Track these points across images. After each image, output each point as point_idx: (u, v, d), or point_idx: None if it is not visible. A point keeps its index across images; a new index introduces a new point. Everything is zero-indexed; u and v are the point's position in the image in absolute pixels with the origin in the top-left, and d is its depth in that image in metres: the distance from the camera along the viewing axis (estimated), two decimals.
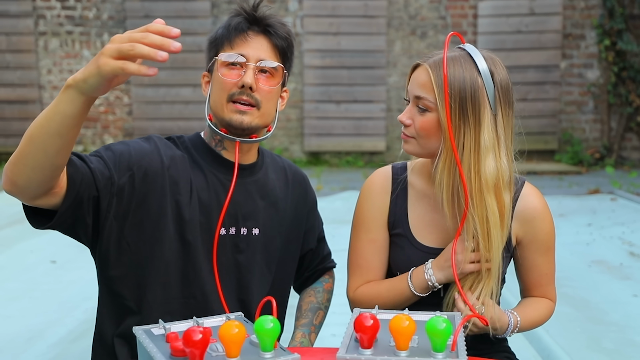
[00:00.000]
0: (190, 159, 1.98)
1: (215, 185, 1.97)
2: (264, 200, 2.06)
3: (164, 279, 1.92)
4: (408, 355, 1.46)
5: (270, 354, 1.44)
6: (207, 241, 1.94)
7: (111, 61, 1.45)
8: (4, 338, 3.51)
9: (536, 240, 2.00)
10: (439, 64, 1.84)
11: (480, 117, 1.82)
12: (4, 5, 10.33)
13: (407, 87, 1.94)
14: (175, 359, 1.44)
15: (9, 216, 6.22)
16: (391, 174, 2.08)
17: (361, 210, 2.08)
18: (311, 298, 2.27)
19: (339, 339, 1.60)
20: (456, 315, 1.71)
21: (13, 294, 4.27)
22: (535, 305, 2.05)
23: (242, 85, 1.90)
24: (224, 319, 1.66)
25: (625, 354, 3.27)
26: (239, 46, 1.94)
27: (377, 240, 2.06)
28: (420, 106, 1.86)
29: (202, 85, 2.06)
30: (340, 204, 6.69)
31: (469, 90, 1.82)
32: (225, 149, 2.00)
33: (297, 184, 2.21)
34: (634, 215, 6.26)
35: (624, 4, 10.29)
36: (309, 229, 2.26)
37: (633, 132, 10.66)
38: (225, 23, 2.00)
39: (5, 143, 10.41)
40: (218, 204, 1.96)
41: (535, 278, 2.05)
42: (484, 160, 1.83)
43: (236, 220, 2.00)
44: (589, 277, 4.59)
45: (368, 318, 1.49)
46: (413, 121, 1.88)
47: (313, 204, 2.28)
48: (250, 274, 2.03)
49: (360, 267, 2.08)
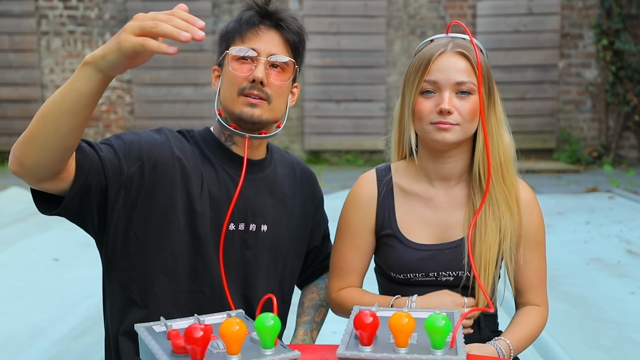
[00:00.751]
0: (200, 153, 1.96)
1: (226, 180, 1.95)
2: (272, 197, 2.04)
3: (171, 271, 1.89)
4: (407, 352, 1.46)
5: (271, 351, 1.44)
6: (216, 236, 1.92)
7: (132, 37, 1.44)
8: (6, 335, 3.51)
9: (526, 233, 2.00)
10: (468, 49, 1.89)
11: (495, 95, 1.94)
12: (6, 5, 10.33)
13: (426, 78, 1.90)
14: (177, 356, 1.44)
15: (12, 214, 6.23)
16: (376, 177, 2.08)
17: (347, 215, 2.09)
18: (313, 295, 2.25)
19: (339, 336, 1.60)
20: (455, 312, 1.71)
21: (16, 291, 4.27)
22: (527, 319, 2.02)
23: (253, 79, 1.87)
24: (224, 317, 1.66)
25: (622, 351, 3.27)
26: (251, 40, 1.91)
27: (360, 245, 2.06)
28: (464, 90, 1.87)
29: (212, 80, 2.03)
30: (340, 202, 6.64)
31: (489, 72, 1.93)
32: (235, 144, 1.98)
33: (305, 180, 2.20)
34: (632, 213, 6.27)
35: (621, 3, 10.29)
36: (315, 226, 2.25)
37: (630, 131, 10.66)
38: (237, 17, 1.96)
39: (9, 142, 10.38)
40: (228, 199, 1.93)
41: (527, 276, 2.03)
42: (504, 135, 1.94)
43: (245, 216, 1.98)
44: (587, 274, 4.59)
45: (368, 315, 1.49)
46: (456, 108, 1.88)
47: (320, 201, 2.28)
48: (257, 270, 2.01)
49: (342, 269, 2.09)
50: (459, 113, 1.88)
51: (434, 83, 1.89)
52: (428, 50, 1.92)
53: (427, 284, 1.99)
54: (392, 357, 1.45)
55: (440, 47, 1.90)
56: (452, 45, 1.90)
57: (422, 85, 1.91)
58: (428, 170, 2.00)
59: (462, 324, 1.79)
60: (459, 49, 1.88)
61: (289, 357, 1.43)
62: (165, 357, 1.42)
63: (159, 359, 1.42)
